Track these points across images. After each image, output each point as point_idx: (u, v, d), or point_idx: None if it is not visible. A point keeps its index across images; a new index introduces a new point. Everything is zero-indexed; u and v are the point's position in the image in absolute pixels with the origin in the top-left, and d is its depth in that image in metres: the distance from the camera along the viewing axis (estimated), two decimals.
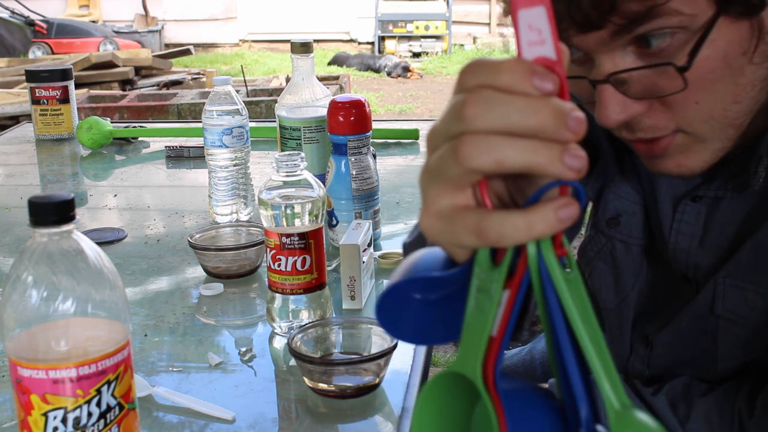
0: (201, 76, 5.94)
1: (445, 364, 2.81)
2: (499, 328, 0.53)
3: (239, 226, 1.35)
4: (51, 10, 9.18)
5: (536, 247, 0.51)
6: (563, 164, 0.49)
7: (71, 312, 0.69)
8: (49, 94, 2.07)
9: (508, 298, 0.53)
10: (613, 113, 0.76)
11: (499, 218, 0.50)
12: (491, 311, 0.53)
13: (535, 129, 0.48)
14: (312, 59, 1.48)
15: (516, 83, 0.49)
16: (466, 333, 0.55)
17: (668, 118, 0.78)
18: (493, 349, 0.53)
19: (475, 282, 0.55)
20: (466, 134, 0.50)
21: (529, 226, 0.49)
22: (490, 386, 0.53)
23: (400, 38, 9.60)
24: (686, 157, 0.81)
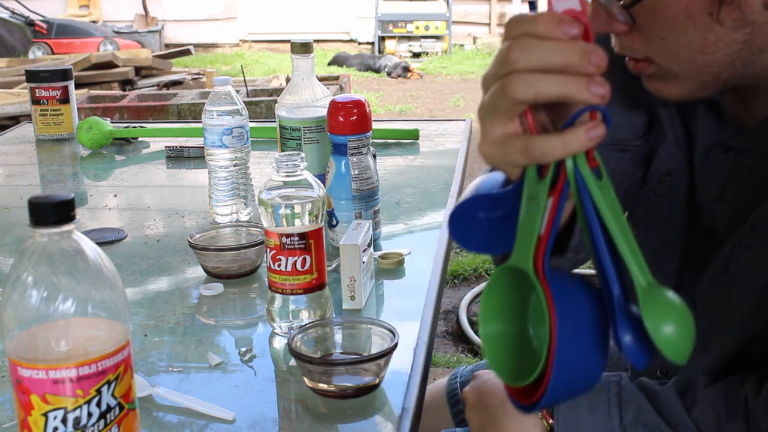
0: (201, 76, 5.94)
1: (445, 365, 2.81)
2: (545, 228, 0.66)
3: (239, 226, 1.35)
4: (51, 10, 9.18)
5: (573, 161, 0.65)
6: (590, 92, 0.63)
7: (71, 312, 0.69)
8: (49, 95, 2.07)
9: (552, 203, 0.66)
10: (598, 24, 0.88)
11: (541, 140, 0.65)
12: (539, 215, 0.67)
13: (565, 65, 0.63)
14: (312, 59, 1.48)
15: (548, 31, 0.63)
16: (520, 234, 0.68)
17: (641, 44, 0.89)
18: (542, 245, 0.66)
19: (525, 193, 0.69)
20: (511, 73, 0.64)
21: (564, 144, 0.64)
22: (540, 275, 0.66)
23: (400, 38, 9.59)
24: (663, 85, 0.92)
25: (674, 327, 0.61)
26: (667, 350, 0.61)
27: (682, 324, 0.62)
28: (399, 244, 1.39)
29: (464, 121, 2.14)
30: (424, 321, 1.10)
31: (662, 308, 0.62)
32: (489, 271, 3.57)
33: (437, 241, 1.36)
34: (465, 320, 3.11)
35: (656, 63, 0.90)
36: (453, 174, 1.71)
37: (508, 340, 0.71)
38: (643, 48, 0.89)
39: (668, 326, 0.61)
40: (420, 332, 1.07)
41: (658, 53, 0.89)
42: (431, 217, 1.52)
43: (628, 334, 0.64)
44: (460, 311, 3.18)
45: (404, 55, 9.46)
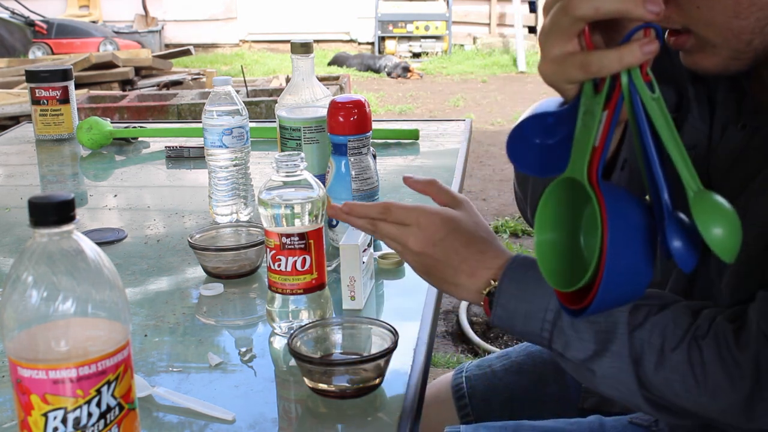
0: (201, 76, 5.94)
1: (445, 365, 2.81)
2: (600, 139, 0.71)
3: (239, 226, 1.35)
4: (51, 10, 9.18)
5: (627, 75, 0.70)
6: (645, 8, 0.69)
7: (71, 312, 0.69)
8: (49, 95, 2.07)
9: (607, 116, 0.71)
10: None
11: (598, 54, 0.71)
12: (594, 127, 0.71)
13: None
14: (312, 59, 1.48)
15: None
16: (576, 146, 0.73)
17: (677, 14, 0.88)
18: (596, 156, 0.71)
19: (582, 108, 0.74)
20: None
21: (620, 57, 0.69)
22: (594, 184, 0.70)
23: (400, 38, 9.59)
24: (701, 57, 0.90)
25: (723, 228, 0.66)
26: (718, 248, 0.66)
27: (730, 225, 0.66)
28: None
29: (464, 121, 2.14)
30: (424, 321, 1.10)
31: (712, 211, 0.67)
32: None
33: None
34: (465, 320, 3.11)
35: (694, 33, 0.89)
36: (453, 174, 1.71)
37: (559, 248, 0.76)
38: (680, 17, 0.88)
39: (718, 227, 0.66)
40: (420, 332, 1.07)
41: (694, 21, 0.88)
42: None
43: (677, 239, 0.68)
44: (460, 311, 3.18)
45: (404, 55, 9.46)
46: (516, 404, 1.33)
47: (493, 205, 4.47)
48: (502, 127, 6.26)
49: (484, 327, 3.11)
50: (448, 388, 1.39)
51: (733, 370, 0.83)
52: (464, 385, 1.37)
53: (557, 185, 0.75)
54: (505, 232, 4.01)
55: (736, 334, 0.85)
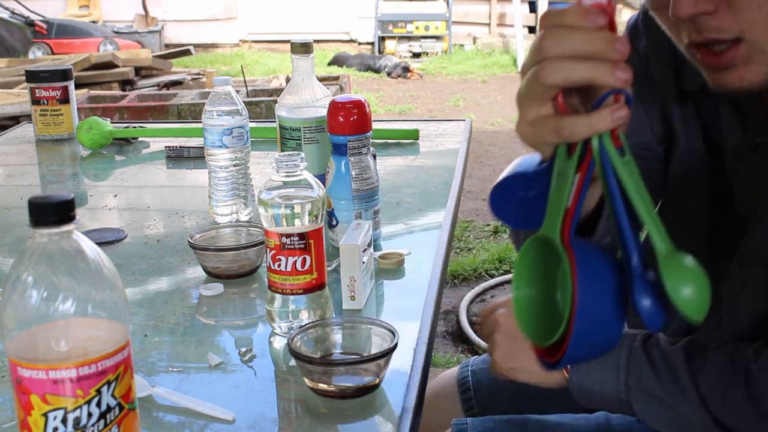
0: (201, 76, 5.94)
1: (445, 364, 2.81)
2: (572, 201, 0.74)
3: (239, 226, 1.35)
4: (51, 10, 9.18)
5: (599, 140, 0.72)
6: (614, 76, 0.70)
7: (71, 312, 0.69)
8: (49, 95, 2.07)
9: (579, 178, 0.74)
10: (685, 6, 0.85)
11: (570, 120, 0.72)
12: (567, 189, 0.74)
13: (591, 51, 0.70)
14: (312, 59, 1.48)
15: (577, 21, 0.71)
16: (549, 207, 0.76)
17: (733, 20, 0.85)
18: (569, 217, 0.74)
19: (555, 169, 0.76)
20: (543, 60, 0.72)
21: (590, 123, 0.71)
22: (565, 243, 0.73)
23: (400, 38, 9.59)
24: (748, 70, 0.88)
25: (692, 288, 0.67)
26: (687, 309, 0.67)
27: (699, 285, 0.67)
28: (399, 244, 1.39)
29: (464, 121, 2.14)
30: (424, 321, 1.10)
31: (681, 271, 0.68)
32: (489, 272, 3.57)
33: (437, 241, 1.36)
34: (465, 320, 3.11)
35: (745, 42, 0.86)
36: (453, 174, 1.71)
37: (536, 304, 0.79)
38: (735, 24, 0.85)
39: (687, 287, 0.67)
40: (420, 332, 1.07)
41: (752, 25, 0.85)
42: (431, 217, 1.52)
43: (646, 299, 0.70)
44: (460, 311, 3.18)
45: (404, 55, 9.46)
46: (521, 399, 1.33)
47: None
48: (502, 127, 6.26)
49: None
50: (454, 383, 1.39)
51: None
52: (469, 379, 1.38)
53: (533, 242, 0.78)
54: (504, 231, 4.01)
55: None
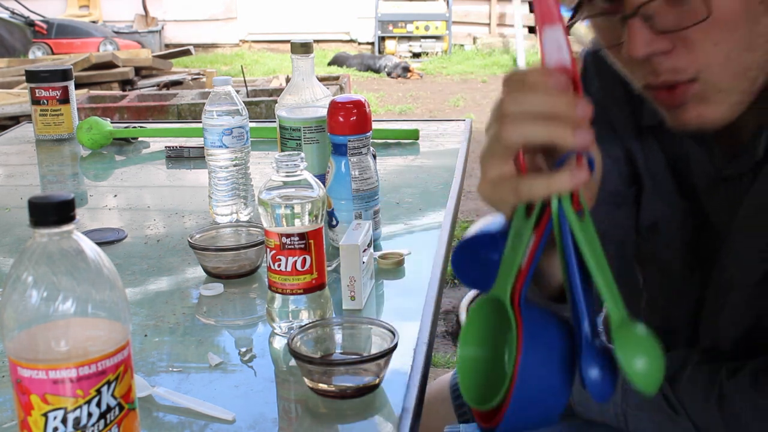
0: (201, 76, 5.94)
1: (445, 365, 2.81)
2: (526, 261, 0.72)
3: (239, 226, 1.35)
4: (51, 10, 9.18)
5: (557, 201, 0.70)
6: (574, 138, 0.68)
7: (71, 312, 0.69)
8: (49, 95, 2.07)
9: (535, 239, 0.72)
10: (639, 46, 0.83)
11: (529, 180, 0.71)
12: (521, 249, 0.72)
13: (553, 112, 0.69)
14: (312, 59, 1.48)
15: (539, 82, 0.70)
16: (502, 267, 0.74)
17: (689, 60, 0.84)
18: (521, 278, 0.72)
19: (512, 230, 0.74)
20: (504, 120, 0.71)
21: (549, 184, 0.70)
22: (515, 305, 0.71)
23: (400, 38, 9.59)
24: (706, 107, 0.86)
25: (645, 360, 0.65)
26: (639, 382, 0.65)
27: (652, 357, 0.65)
28: (399, 244, 1.39)
29: (464, 122, 2.14)
30: (424, 321, 1.10)
31: (634, 342, 0.66)
32: None
33: (437, 241, 1.36)
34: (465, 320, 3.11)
35: (701, 80, 0.85)
36: (453, 174, 1.71)
37: (481, 364, 0.76)
38: (692, 63, 0.84)
39: (640, 359, 0.65)
40: (420, 332, 1.07)
41: (709, 63, 0.84)
42: (431, 217, 1.52)
43: (593, 369, 0.68)
44: (460, 311, 3.18)
45: (404, 55, 9.46)
46: None
47: None
48: None
49: None
50: (447, 388, 1.39)
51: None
52: None
53: (483, 302, 0.75)
54: None
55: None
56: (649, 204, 1.05)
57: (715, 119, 0.88)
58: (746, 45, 0.83)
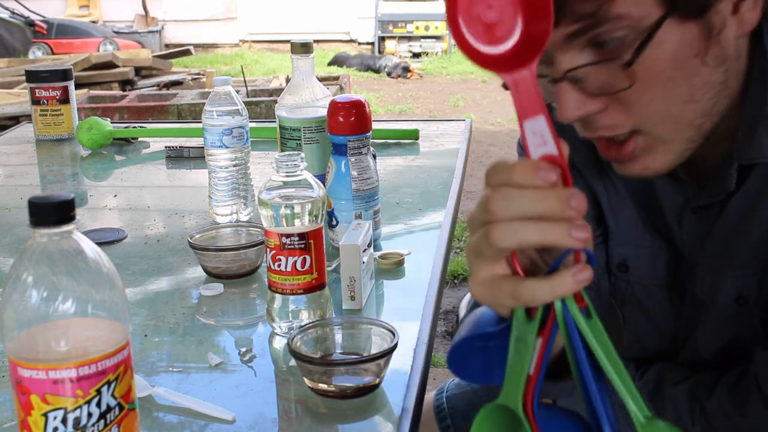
0: (201, 76, 5.94)
1: (445, 364, 2.81)
2: (534, 368, 0.67)
3: (239, 226, 1.35)
4: (51, 10, 9.18)
5: (561, 303, 0.66)
6: (571, 237, 0.63)
7: (71, 312, 0.69)
8: (49, 95, 2.07)
9: (541, 344, 0.67)
10: (570, 110, 0.80)
11: (529, 284, 0.66)
12: (528, 355, 0.68)
13: (544, 213, 0.64)
14: (312, 59, 1.48)
15: (526, 179, 0.64)
16: (509, 374, 0.69)
17: (625, 117, 0.81)
18: (531, 385, 0.68)
19: (513, 333, 0.69)
20: (493, 223, 0.66)
21: (552, 289, 0.65)
22: (529, 413, 0.68)
23: (400, 38, 9.60)
24: (652, 160, 0.85)
25: None
26: None
27: None
28: (399, 244, 1.39)
29: (464, 122, 2.14)
30: (424, 321, 1.10)
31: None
32: None
33: (437, 241, 1.36)
34: None
35: (643, 134, 0.83)
36: (453, 174, 1.71)
37: None
38: (629, 119, 0.81)
39: None
40: (420, 332, 1.07)
41: (647, 118, 0.81)
42: (431, 217, 1.52)
43: None
44: (460, 311, 3.18)
45: (404, 55, 9.46)
46: None
47: None
48: (502, 127, 6.26)
49: None
50: (430, 410, 1.37)
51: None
52: (445, 406, 1.35)
53: (492, 409, 0.71)
54: None
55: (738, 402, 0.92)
56: (616, 244, 1.04)
57: (662, 168, 0.86)
58: (687, 98, 0.81)
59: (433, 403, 1.37)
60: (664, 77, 0.78)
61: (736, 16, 0.79)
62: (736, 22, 0.79)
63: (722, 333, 0.97)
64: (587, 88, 0.79)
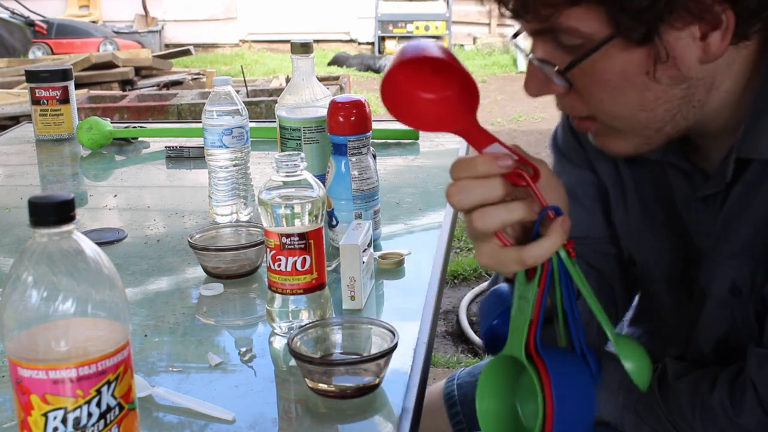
0: (201, 76, 5.94)
1: (445, 365, 2.81)
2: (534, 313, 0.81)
3: (239, 226, 1.35)
4: (51, 10, 9.18)
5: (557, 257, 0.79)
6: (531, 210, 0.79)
7: (71, 312, 0.69)
8: (49, 95, 2.07)
9: (539, 293, 0.80)
10: (531, 88, 0.90)
11: (531, 250, 0.79)
12: (529, 308, 0.81)
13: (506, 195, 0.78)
14: (312, 59, 1.48)
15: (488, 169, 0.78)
16: (512, 329, 0.83)
17: (581, 105, 0.90)
18: (533, 329, 0.81)
19: (516, 294, 0.83)
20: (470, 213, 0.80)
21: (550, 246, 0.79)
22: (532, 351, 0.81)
23: (400, 38, 9.59)
24: (611, 142, 0.93)
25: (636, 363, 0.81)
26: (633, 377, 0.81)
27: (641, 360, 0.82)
28: (399, 244, 1.39)
29: None
30: (424, 321, 1.10)
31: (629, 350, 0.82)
32: (489, 272, 3.57)
33: (437, 241, 1.36)
34: (465, 320, 3.11)
35: (599, 121, 0.90)
36: None
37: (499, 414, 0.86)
38: (584, 107, 0.89)
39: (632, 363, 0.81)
40: (420, 332, 1.07)
41: (599, 113, 0.89)
42: (431, 217, 1.52)
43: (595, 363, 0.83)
44: (460, 311, 3.18)
45: None
46: None
47: None
48: (502, 127, 6.26)
49: None
50: (440, 397, 1.38)
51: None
52: (455, 393, 1.36)
53: (497, 360, 0.85)
54: None
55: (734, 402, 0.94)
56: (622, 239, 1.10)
57: (619, 152, 0.94)
58: (638, 107, 0.86)
59: (443, 390, 1.39)
60: (611, 85, 0.85)
61: (703, 43, 0.83)
62: (700, 48, 0.83)
63: (718, 325, 1.00)
64: (552, 72, 0.87)
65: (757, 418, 0.92)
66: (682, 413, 0.98)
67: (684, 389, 0.99)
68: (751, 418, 0.93)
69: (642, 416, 1.03)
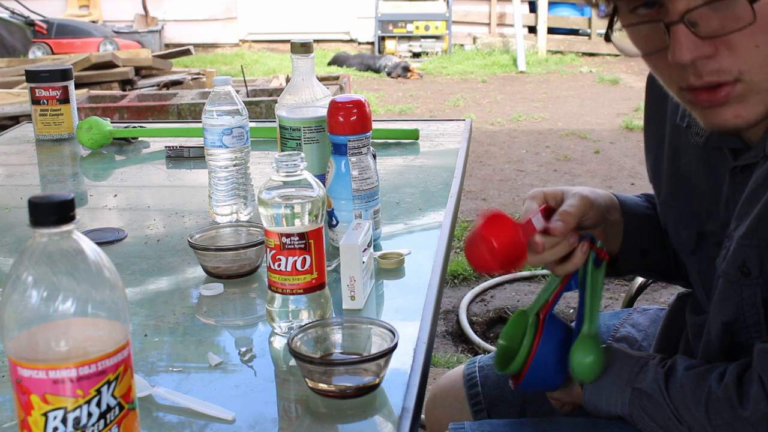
0: (201, 76, 5.94)
1: (445, 364, 2.81)
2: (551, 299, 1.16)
3: (239, 226, 1.35)
4: (51, 10, 9.18)
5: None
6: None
7: (71, 312, 0.69)
8: (49, 94, 2.07)
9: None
10: (686, 50, 0.86)
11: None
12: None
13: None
14: (312, 59, 1.48)
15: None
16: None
17: (732, 62, 0.87)
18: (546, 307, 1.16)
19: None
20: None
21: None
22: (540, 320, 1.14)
23: (400, 38, 9.59)
24: (744, 108, 0.91)
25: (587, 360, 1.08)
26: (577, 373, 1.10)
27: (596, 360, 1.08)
28: (399, 244, 1.39)
29: (464, 121, 2.14)
30: (424, 321, 1.10)
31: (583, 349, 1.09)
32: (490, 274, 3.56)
33: (437, 241, 1.36)
34: (465, 320, 3.11)
35: (743, 81, 0.89)
36: (453, 174, 1.71)
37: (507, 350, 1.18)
38: (735, 65, 0.88)
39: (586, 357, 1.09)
40: (420, 332, 1.07)
41: (751, 66, 0.87)
42: (431, 217, 1.52)
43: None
44: (460, 311, 3.18)
45: (404, 55, 9.46)
46: (528, 394, 1.33)
47: (492, 204, 4.47)
48: (502, 127, 6.26)
49: (484, 327, 3.11)
50: (461, 381, 1.39)
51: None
52: (477, 375, 1.38)
53: (518, 314, 1.18)
54: None
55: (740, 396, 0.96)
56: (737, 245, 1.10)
57: (750, 119, 0.91)
58: None
59: (464, 371, 1.41)
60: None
61: None
62: None
63: (728, 303, 1.00)
64: (701, 31, 0.85)
65: (762, 411, 0.94)
66: (687, 405, 1.00)
67: (691, 381, 1.00)
68: (756, 412, 0.94)
69: (648, 411, 1.04)
